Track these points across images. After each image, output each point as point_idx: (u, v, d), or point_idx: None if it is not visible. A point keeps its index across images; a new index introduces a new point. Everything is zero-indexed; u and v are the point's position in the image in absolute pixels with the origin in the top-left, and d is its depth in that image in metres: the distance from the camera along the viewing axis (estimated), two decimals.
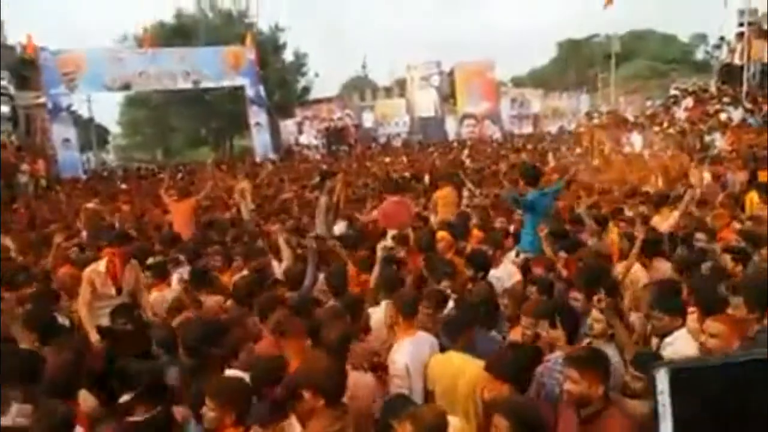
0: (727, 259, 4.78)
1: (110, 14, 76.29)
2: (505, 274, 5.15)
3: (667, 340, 3.44)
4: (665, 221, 5.91)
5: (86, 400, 3.26)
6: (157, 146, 44.47)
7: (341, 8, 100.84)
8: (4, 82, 26.29)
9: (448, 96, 31.58)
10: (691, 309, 3.61)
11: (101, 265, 4.95)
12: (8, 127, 26.18)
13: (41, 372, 3.22)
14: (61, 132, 24.09)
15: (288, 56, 38.19)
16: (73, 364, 3.30)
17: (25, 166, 19.59)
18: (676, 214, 5.87)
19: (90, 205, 11.22)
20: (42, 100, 25.01)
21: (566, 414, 2.76)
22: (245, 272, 5.38)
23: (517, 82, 46.17)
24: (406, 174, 15.40)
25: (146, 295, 5.14)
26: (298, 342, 3.46)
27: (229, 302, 4.75)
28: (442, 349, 3.54)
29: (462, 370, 3.13)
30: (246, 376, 3.22)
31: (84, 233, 8.76)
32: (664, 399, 0.98)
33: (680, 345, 3.34)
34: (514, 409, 2.47)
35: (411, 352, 3.41)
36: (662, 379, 0.98)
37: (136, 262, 5.26)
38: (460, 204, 8.70)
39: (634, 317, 3.98)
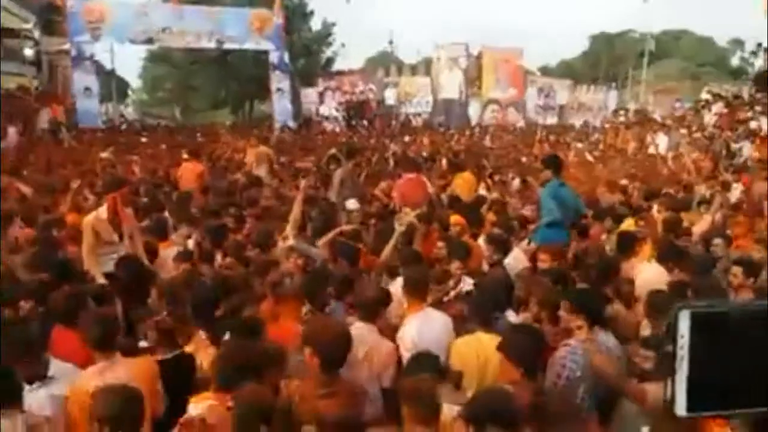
0: (738, 271, 4.58)
1: None
2: (512, 260, 5.10)
3: None
4: (698, 225, 5.71)
5: None
6: (177, 104, 44.42)
7: None
8: (29, 26, 26.27)
9: (473, 80, 31.08)
10: None
11: (102, 212, 4.89)
12: (31, 72, 26.22)
13: None
14: (83, 80, 24.00)
15: (315, 24, 37.74)
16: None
17: (45, 111, 19.58)
18: (708, 218, 5.67)
19: (105, 154, 11.17)
20: (66, 46, 24.90)
21: None
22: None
23: (545, 72, 45.52)
24: (424, 154, 15.19)
25: (141, 243, 5.07)
26: (294, 304, 3.50)
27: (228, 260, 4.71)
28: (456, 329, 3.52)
29: (493, 351, 3.02)
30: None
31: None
32: (683, 342, 0.95)
33: None
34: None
35: (418, 328, 3.40)
36: (683, 322, 0.95)
37: (130, 210, 5.18)
38: (477, 189, 8.60)
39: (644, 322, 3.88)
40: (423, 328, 3.40)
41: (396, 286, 4.05)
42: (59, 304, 3.47)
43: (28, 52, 26.00)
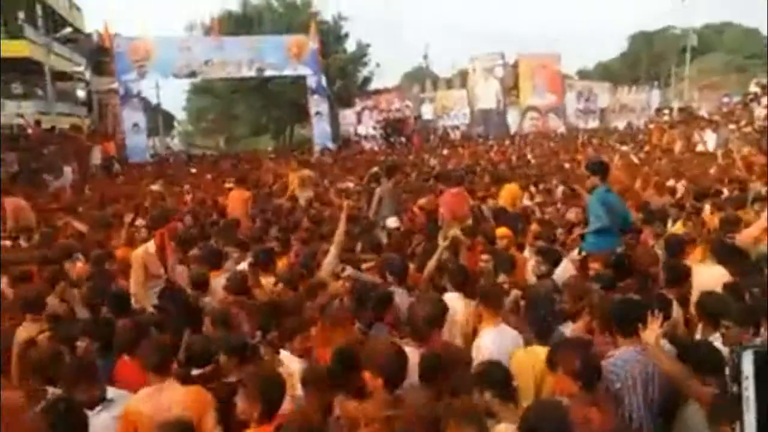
0: None
1: (180, 3, 78.60)
2: (561, 270, 5.00)
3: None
4: (755, 226, 5.47)
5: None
6: (220, 133, 45.69)
7: None
8: (81, 68, 27.61)
9: (510, 88, 30.87)
10: None
11: (150, 246, 5.04)
12: (83, 111, 27.51)
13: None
14: (131, 117, 24.98)
15: (350, 46, 38.31)
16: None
17: (97, 149, 20.46)
18: (764, 220, 5.41)
19: (155, 187, 11.56)
20: (115, 85, 26.02)
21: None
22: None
23: (584, 75, 44.79)
24: (463, 167, 15.14)
25: (185, 273, 5.21)
26: (344, 326, 3.52)
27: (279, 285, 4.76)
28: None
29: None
30: (297, 361, 3.28)
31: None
32: (748, 383, 0.92)
33: None
34: None
35: (494, 341, 3.44)
36: (747, 363, 0.92)
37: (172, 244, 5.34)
38: (522, 200, 8.54)
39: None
40: (498, 341, 3.44)
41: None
42: (122, 336, 3.61)
43: (80, 93, 27.30)
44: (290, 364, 3.27)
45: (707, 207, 7.00)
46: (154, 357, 3.10)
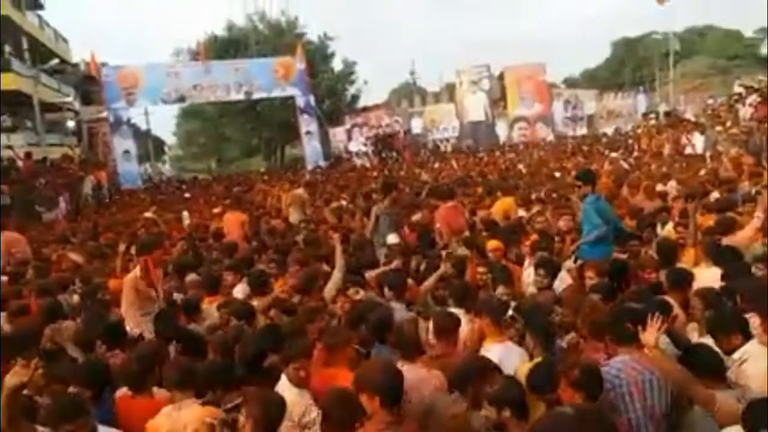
0: None
1: (166, 29, 79.18)
2: (559, 281, 5.03)
3: (735, 356, 3.14)
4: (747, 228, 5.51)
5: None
6: (211, 156, 45.69)
7: (389, 15, 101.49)
8: (69, 99, 27.67)
9: (498, 99, 31.13)
10: (749, 314, 3.34)
11: (137, 271, 5.08)
12: (73, 141, 27.51)
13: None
14: (121, 144, 25.06)
15: (337, 65, 38.58)
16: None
17: (89, 178, 20.44)
18: (756, 222, 5.46)
19: (148, 214, 11.55)
20: (104, 114, 26.10)
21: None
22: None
23: (571, 83, 45.23)
24: (455, 179, 15.20)
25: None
26: (345, 348, 3.50)
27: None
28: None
29: None
30: (295, 391, 3.24)
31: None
32: None
33: (755, 365, 3.02)
34: None
35: (500, 357, 3.36)
36: None
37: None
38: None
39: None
40: (504, 358, 3.39)
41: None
42: (123, 370, 3.62)
43: (70, 123, 27.33)
44: (285, 393, 3.22)
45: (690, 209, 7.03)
46: (175, 375, 3.26)
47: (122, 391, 3.54)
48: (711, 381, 2.91)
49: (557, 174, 14.88)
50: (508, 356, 3.43)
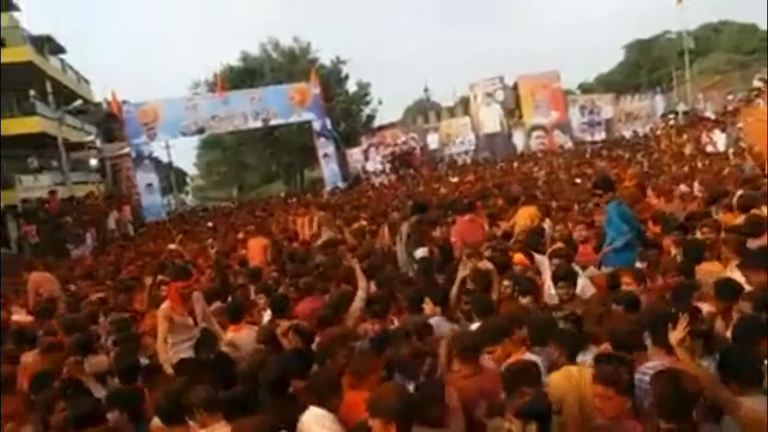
0: None
1: (183, 64, 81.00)
2: (581, 290, 5.00)
3: None
4: None
5: None
6: (233, 184, 46.32)
7: (400, 34, 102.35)
8: (92, 137, 28.38)
9: (513, 110, 31.05)
10: None
11: (169, 302, 5.12)
12: (97, 178, 28.14)
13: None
14: (144, 178, 25.57)
15: (351, 87, 38.97)
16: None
17: (114, 214, 20.86)
18: None
19: (173, 246, 11.72)
20: (126, 150, 26.70)
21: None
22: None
23: (586, 89, 44.95)
24: (475, 192, 15.15)
25: (215, 324, 5.25)
26: (371, 378, 3.45)
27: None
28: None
29: (586, 383, 3.02)
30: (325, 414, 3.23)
31: None
32: None
33: None
34: None
35: None
36: None
37: (199, 294, 5.38)
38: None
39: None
40: None
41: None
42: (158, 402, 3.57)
43: (93, 160, 27.98)
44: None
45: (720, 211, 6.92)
46: (203, 399, 3.24)
47: (156, 422, 3.54)
48: (743, 386, 2.83)
49: (578, 180, 14.77)
50: None
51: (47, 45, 27.27)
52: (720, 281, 4.18)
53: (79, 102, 25.95)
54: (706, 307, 3.93)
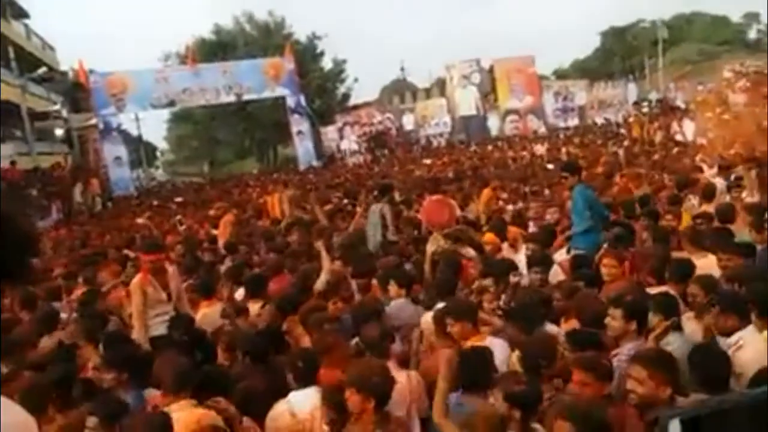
0: None
1: (153, 35, 78.97)
2: (552, 275, 5.08)
3: (731, 340, 3.14)
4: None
5: None
6: (204, 159, 45.59)
7: (377, 12, 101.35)
8: (58, 106, 27.51)
9: (488, 93, 31.11)
10: None
11: (141, 275, 5.00)
12: (63, 149, 27.36)
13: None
14: (112, 151, 24.92)
15: (327, 64, 38.49)
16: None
17: (79, 186, 20.33)
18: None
19: (140, 220, 11.50)
20: (93, 121, 25.96)
21: (631, 416, 2.65)
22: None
23: (561, 75, 45.29)
24: (450, 174, 15.20)
25: (187, 303, 5.17)
26: (339, 350, 3.50)
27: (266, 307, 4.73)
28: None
29: None
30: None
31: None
32: None
33: (750, 352, 3.00)
34: (579, 412, 2.36)
35: None
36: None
37: (175, 270, 5.29)
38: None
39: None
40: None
41: (428, 316, 4.07)
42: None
43: (59, 131, 27.17)
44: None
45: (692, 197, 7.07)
46: (169, 378, 3.16)
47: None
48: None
49: (550, 166, 14.89)
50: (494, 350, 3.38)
51: (9, 9, 26.19)
52: (675, 262, 4.29)
53: (43, 69, 25.09)
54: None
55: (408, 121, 30.95)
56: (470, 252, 5.44)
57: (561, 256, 5.72)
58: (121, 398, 3.31)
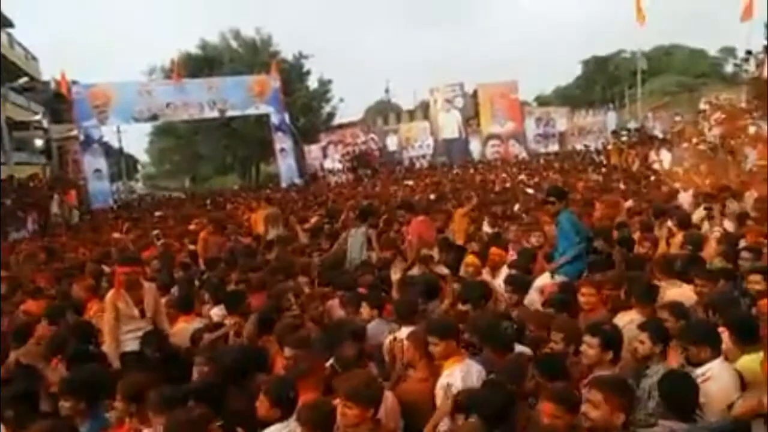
0: (757, 279, 4.46)
1: (139, 48, 78.81)
2: (528, 301, 5.11)
3: (699, 371, 3.16)
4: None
5: None
6: (185, 174, 45.27)
7: (364, 33, 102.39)
8: (38, 117, 27.21)
9: (471, 117, 31.50)
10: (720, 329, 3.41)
11: (114, 290, 4.93)
12: (42, 160, 27.00)
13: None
14: (93, 163, 24.68)
15: (312, 83, 38.67)
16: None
17: (56, 198, 20.02)
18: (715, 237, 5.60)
19: (117, 235, 11.34)
20: (74, 132, 25.71)
21: None
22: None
23: (543, 101, 46.01)
24: (432, 196, 15.28)
25: (165, 319, 5.10)
26: (316, 377, 3.43)
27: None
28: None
29: None
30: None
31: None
32: None
33: (716, 384, 3.07)
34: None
35: (463, 378, 3.36)
36: None
37: (152, 285, 5.22)
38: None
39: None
40: (467, 377, 3.37)
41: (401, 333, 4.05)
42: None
43: (38, 141, 26.83)
44: None
45: (669, 223, 7.18)
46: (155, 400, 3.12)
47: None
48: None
49: (530, 190, 15.06)
50: (469, 373, 3.41)
51: None
52: (642, 287, 4.33)
53: (25, 79, 24.85)
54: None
55: (391, 142, 31.16)
56: (443, 270, 5.48)
57: (543, 280, 5.75)
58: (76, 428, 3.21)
